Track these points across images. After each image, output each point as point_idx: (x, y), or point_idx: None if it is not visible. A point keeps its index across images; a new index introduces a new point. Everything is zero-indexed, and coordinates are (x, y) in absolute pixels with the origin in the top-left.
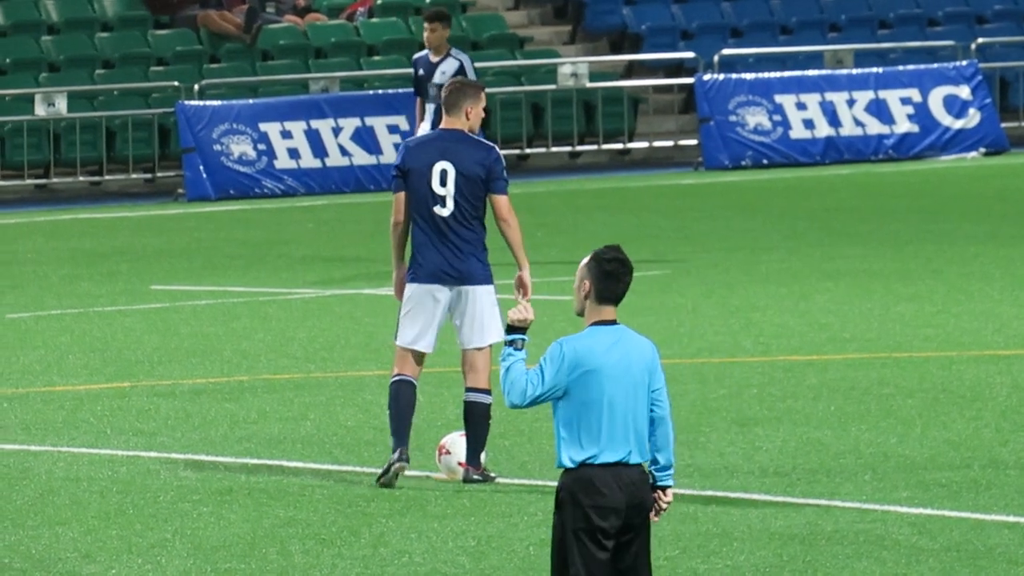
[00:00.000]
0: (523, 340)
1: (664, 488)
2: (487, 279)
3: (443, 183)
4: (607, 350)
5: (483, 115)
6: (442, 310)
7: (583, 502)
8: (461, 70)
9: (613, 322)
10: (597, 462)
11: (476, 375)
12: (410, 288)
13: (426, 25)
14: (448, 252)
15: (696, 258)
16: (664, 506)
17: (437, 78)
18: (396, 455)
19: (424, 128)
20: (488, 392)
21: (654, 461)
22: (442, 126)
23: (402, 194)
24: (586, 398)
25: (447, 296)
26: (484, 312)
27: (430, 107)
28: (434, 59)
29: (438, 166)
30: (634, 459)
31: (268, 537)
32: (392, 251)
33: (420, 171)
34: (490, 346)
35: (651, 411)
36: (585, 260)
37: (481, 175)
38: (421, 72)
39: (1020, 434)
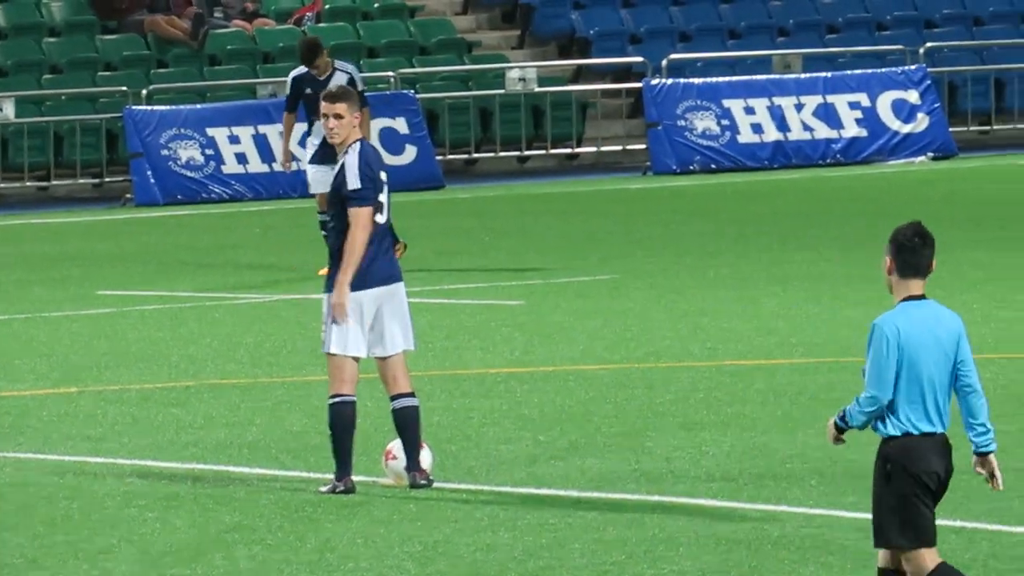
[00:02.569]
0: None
1: (987, 453)
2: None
3: (383, 191)
4: (919, 325)
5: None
6: (368, 318)
7: (912, 469)
8: (352, 81)
9: (921, 297)
10: (918, 432)
11: (399, 380)
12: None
13: (306, 59)
14: (383, 257)
15: (644, 263)
16: (993, 469)
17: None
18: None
19: (312, 144)
20: (415, 396)
21: (971, 428)
22: (360, 138)
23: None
24: (911, 374)
25: (376, 299)
26: (407, 316)
27: (319, 123)
28: (321, 76)
29: (382, 175)
30: (940, 428)
31: (214, 543)
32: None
33: (379, 183)
34: (403, 352)
35: (961, 381)
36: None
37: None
38: (309, 90)
39: (967, 438)
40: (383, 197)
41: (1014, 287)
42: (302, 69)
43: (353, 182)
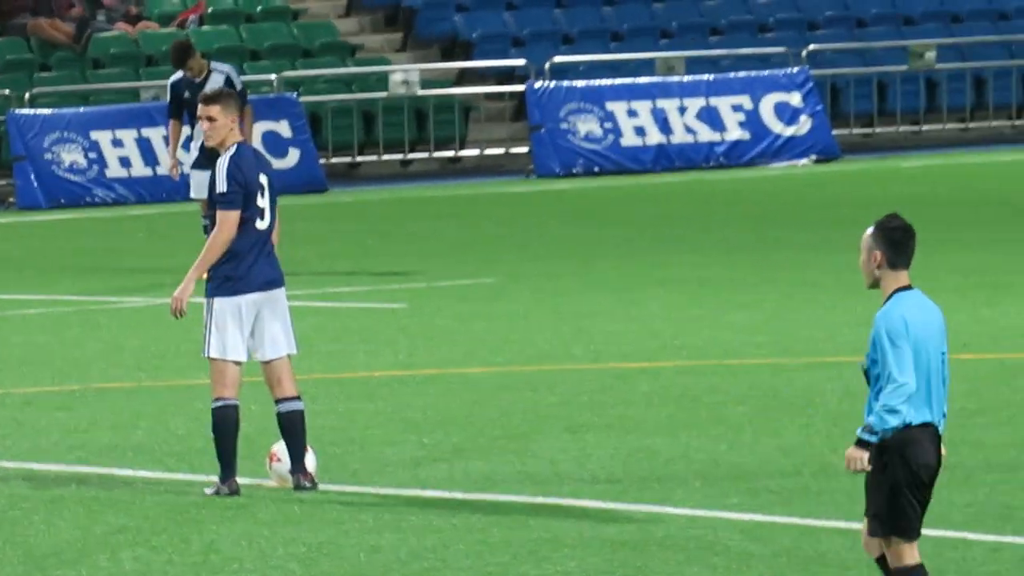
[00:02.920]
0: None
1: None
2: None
3: (262, 195)
4: (919, 314)
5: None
6: (248, 324)
7: (911, 461)
8: (229, 81)
9: (910, 287)
10: (916, 423)
11: (284, 383)
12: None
13: (191, 60)
14: (265, 261)
15: (527, 266)
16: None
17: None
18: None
19: (194, 148)
20: (300, 399)
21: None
22: (238, 140)
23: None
24: (915, 362)
25: (256, 305)
26: (287, 319)
27: (196, 127)
28: (196, 79)
29: (263, 178)
30: (935, 419)
31: (99, 544)
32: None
33: (253, 186)
34: (287, 356)
35: (942, 372)
36: (869, 232)
37: (277, 186)
38: (187, 94)
39: (850, 441)
40: (263, 202)
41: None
42: (179, 74)
43: (220, 185)
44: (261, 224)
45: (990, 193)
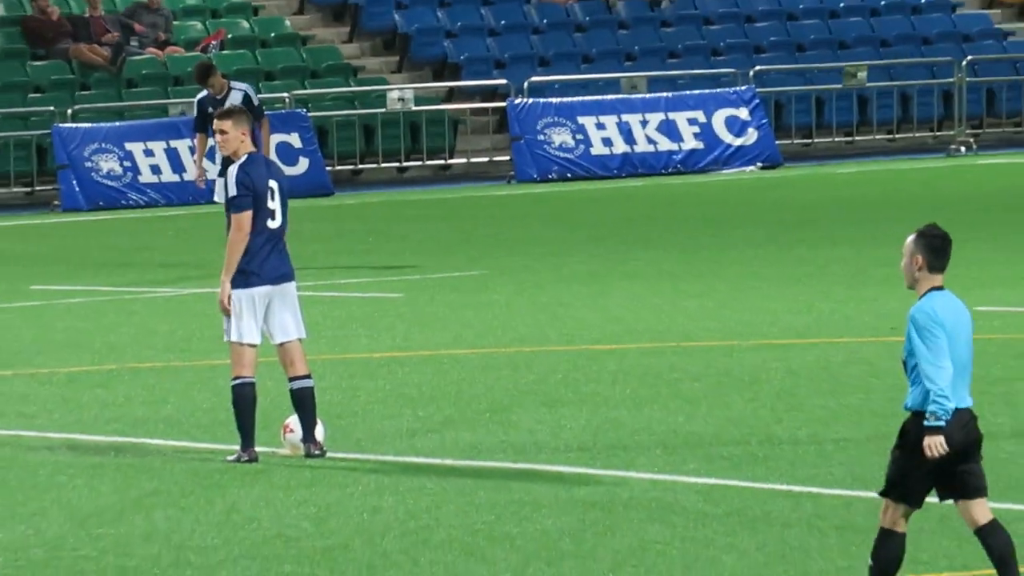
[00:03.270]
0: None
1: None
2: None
3: (272, 198)
4: (951, 311)
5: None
6: (262, 312)
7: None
8: (247, 97)
9: (943, 288)
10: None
11: (296, 363)
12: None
13: (212, 77)
14: (274, 258)
15: (509, 260)
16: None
17: None
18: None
19: (219, 158)
20: (310, 378)
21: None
22: (251, 151)
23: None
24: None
25: (267, 296)
26: (297, 308)
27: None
28: (218, 96)
29: (272, 184)
30: (966, 403)
31: (134, 505)
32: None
33: (262, 191)
34: (303, 337)
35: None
36: (911, 239)
37: (288, 191)
38: (210, 109)
39: (793, 413)
40: (273, 204)
41: (833, 281)
42: (204, 92)
43: (231, 190)
44: (272, 224)
45: (914, 195)
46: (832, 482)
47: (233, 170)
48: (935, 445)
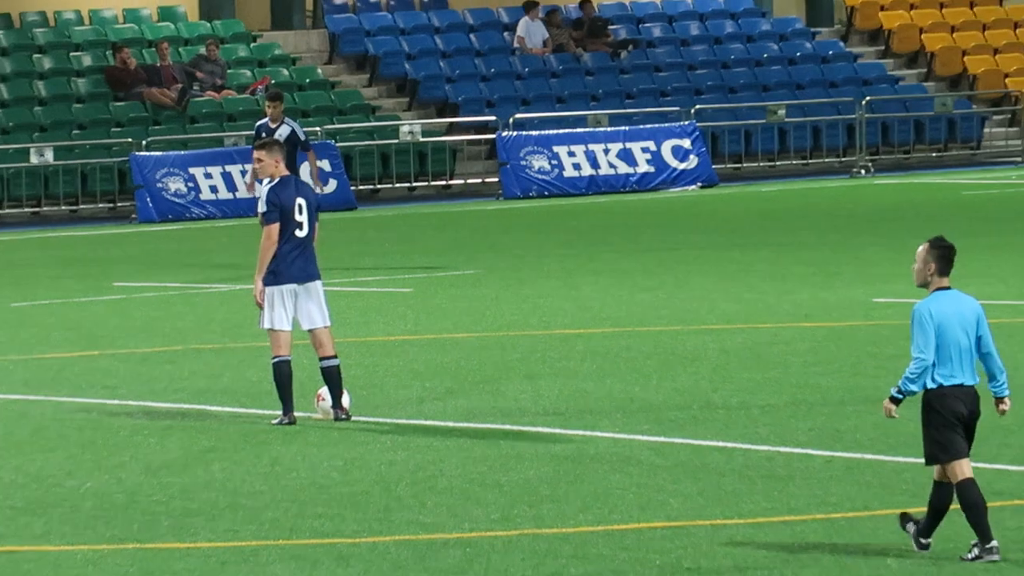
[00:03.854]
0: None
1: (1003, 397)
2: (320, 275)
3: (300, 212)
4: (949, 307)
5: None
6: (291, 303)
7: (941, 410)
8: (293, 132)
9: (949, 288)
10: (947, 384)
11: (324, 346)
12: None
13: (269, 103)
14: (300, 260)
15: (498, 261)
16: (1006, 408)
17: (277, 138)
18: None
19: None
20: (336, 357)
21: (993, 378)
22: (284, 174)
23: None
24: (941, 341)
25: (295, 291)
26: (323, 301)
27: None
28: (273, 125)
29: (299, 201)
30: (968, 381)
31: (196, 459)
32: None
33: (289, 206)
34: (329, 325)
35: (983, 349)
36: (924, 248)
37: (316, 206)
38: (264, 134)
39: (726, 384)
40: (300, 217)
41: (758, 277)
42: (263, 120)
43: (261, 206)
44: (300, 233)
45: (823, 209)
46: (758, 439)
47: (265, 189)
48: (888, 411)
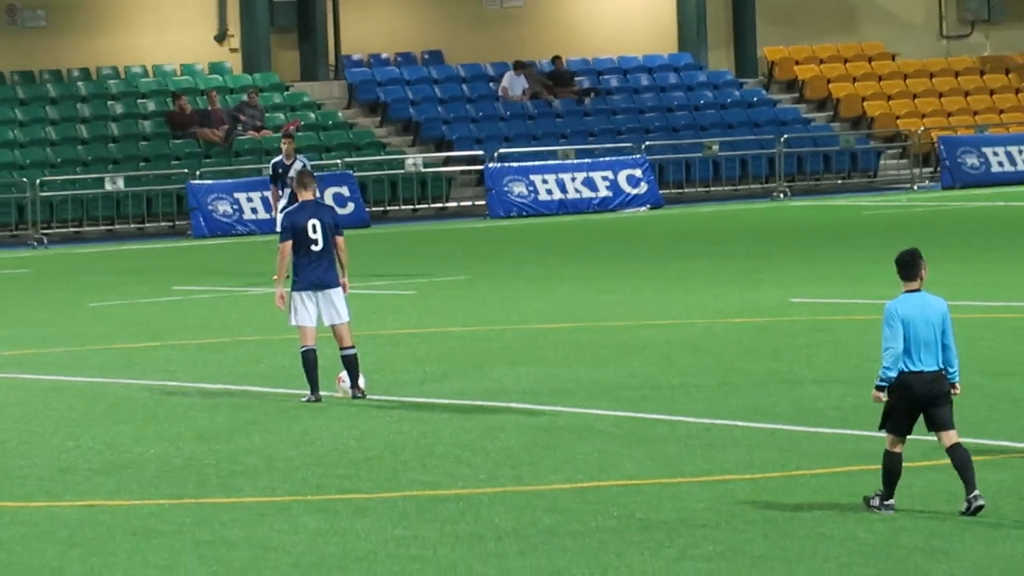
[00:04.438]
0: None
1: (954, 383)
2: (339, 284)
3: (314, 231)
4: (911, 306)
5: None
6: (314, 305)
7: (902, 394)
8: (304, 166)
9: (916, 290)
10: (908, 370)
11: (344, 338)
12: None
13: (284, 141)
14: (315, 271)
15: (485, 269)
16: (957, 392)
17: (291, 173)
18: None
19: (282, 204)
20: (354, 348)
21: (949, 366)
22: (304, 199)
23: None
24: (906, 334)
25: (315, 296)
26: (340, 303)
27: (286, 191)
28: (287, 162)
29: (312, 222)
30: (930, 367)
31: (239, 429)
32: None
33: (302, 226)
34: (347, 321)
35: (943, 342)
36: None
37: (331, 223)
38: (280, 170)
39: (669, 368)
40: (315, 235)
41: (696, 283)
42: (278, 157)
43: (277, 227)
44: (315, 248)
45: (749, 226)
46: (697, 413)
47: (281, 213)
48: (876, 399)
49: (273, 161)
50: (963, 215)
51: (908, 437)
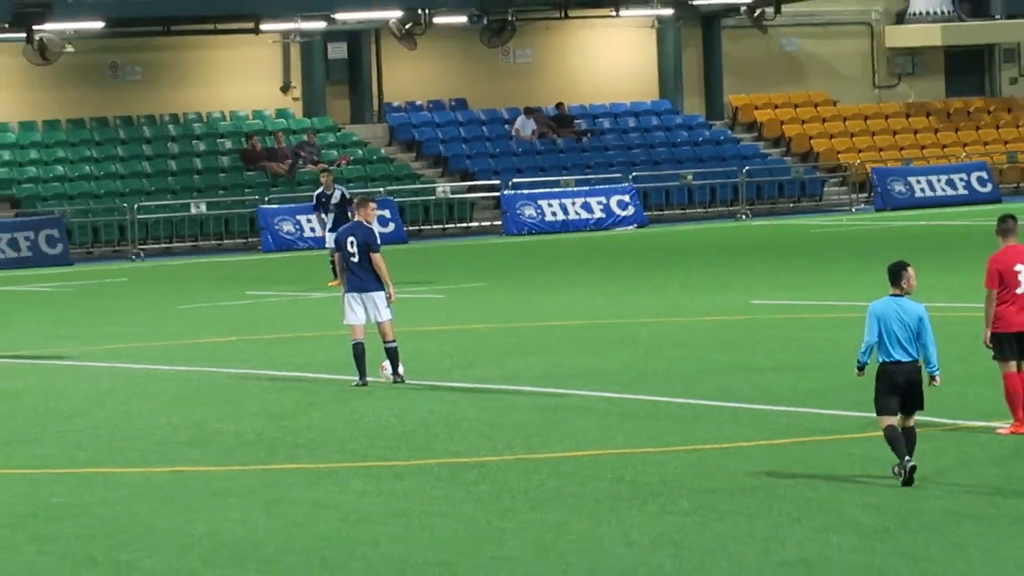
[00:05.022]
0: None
1: (934, 375)
2: (380, 289)
3: (351, 247)
4: (890, 307)
5: (374, 211)
6: (360, 306)
7: (883, 380)
8: (343, 195)
9: (898, 295)
10: (887, 361)
11: (386, 334)
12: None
13: (323, 175)
14: (357, 278)
15: (501, 277)
16: (937, 383)
17: (333, 200)
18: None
19: (329, 225)
20: (395, 341)
21: (928, 362)
22: (353, 222)
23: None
24: (882, 329)
25: (360, 298)
26: (381, 304)
27: (329, 216)
28: (328, 192)
29: (349, 239)
30: (907, 359)
31: (302, 410)
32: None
33: (343, 242)
34: (389, 320)
35: (921, 340)
36: None
37: (363, 242)
38: (324, 199)
39: (652, 357)
40: (352, 249)
41: (675, 288)
42: (320, 188)
43: (326, 244)
44: (353, 259)
45: (718, 241)
46: (675, 394)
47: (330, 234)
48: (858, 374)
49: (316, 192)
50: (893, 232)
51: (852, 413)
